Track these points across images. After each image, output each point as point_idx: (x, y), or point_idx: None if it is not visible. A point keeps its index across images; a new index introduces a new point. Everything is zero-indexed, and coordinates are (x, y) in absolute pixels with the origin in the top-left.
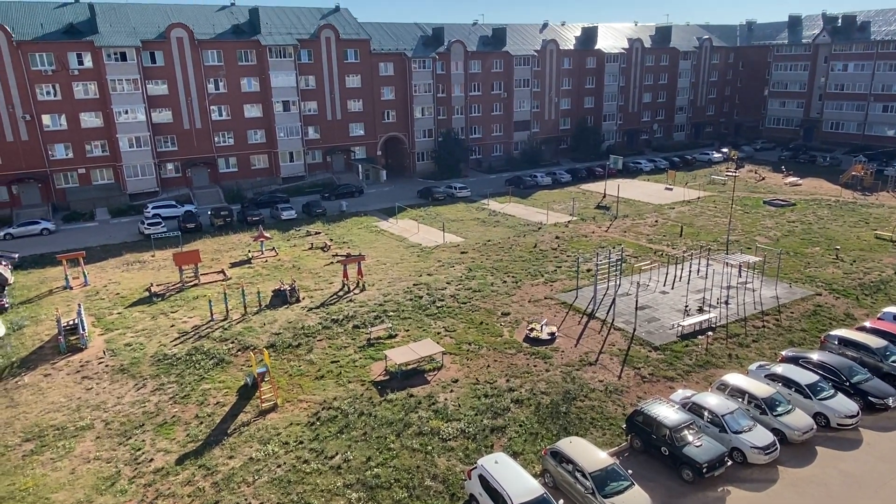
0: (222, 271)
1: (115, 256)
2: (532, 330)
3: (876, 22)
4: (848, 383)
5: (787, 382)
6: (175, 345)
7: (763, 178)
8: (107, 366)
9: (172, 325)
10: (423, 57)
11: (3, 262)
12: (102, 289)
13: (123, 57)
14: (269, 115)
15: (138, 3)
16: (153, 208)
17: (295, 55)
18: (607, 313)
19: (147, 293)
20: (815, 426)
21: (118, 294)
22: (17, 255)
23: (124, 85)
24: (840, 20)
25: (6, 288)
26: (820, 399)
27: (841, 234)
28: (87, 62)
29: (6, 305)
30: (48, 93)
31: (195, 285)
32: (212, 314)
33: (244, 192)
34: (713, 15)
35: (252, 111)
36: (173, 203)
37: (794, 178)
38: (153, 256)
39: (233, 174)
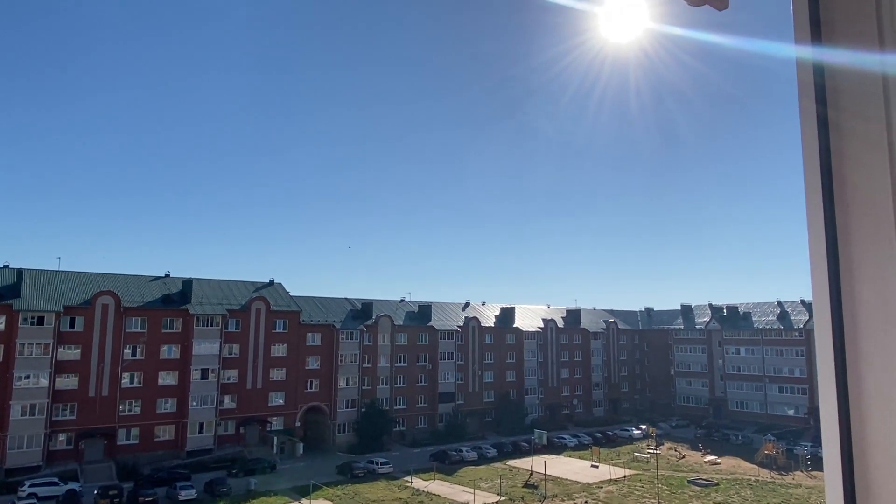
0: None
1: None
2: None
3: (755, 312)
4: None
5: None
6: None
7: (683, 456)
8: None
9: None
10: (351, 329)
11: None
12: None
13: (41, 321)
14: (185, 382)
15: (72, 270)
16: (30, 486)
17: (222, 324)
18: None
19: None
20: None
21: None
22: None
23: (33, 349)
24: (725, 310)
25: None
26: None
27: None
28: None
29: None
30: None
31: None
32: None
33: (141, 468)
34: (616, 301)
35: (167, 378)
36: (55, 480)
37: (713, 457)
38: None
39: (132, 447)
